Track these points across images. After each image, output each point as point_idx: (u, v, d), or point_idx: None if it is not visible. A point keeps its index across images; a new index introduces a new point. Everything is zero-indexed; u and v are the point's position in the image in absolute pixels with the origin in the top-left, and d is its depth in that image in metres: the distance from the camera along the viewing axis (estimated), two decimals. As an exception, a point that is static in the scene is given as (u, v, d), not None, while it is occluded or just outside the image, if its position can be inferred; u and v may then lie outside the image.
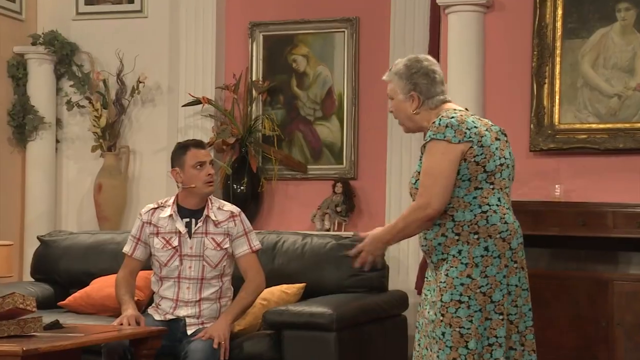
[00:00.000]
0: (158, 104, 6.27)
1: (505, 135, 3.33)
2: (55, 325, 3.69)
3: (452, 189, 3.18)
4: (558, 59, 5.09)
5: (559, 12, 5.09)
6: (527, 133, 5.10)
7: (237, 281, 4.21)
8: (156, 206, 4.22)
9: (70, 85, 6.35)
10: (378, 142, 5.84)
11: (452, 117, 3.21)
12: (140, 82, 6.11)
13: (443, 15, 5.30)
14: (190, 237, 4.11)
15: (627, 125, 4.97)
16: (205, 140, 6.04)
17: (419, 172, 3.25)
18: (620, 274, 4.71)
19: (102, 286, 4.71)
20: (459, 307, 3.16)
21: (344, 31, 6.02)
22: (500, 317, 3.19)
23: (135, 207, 6.09)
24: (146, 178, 6.26)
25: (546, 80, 5.08)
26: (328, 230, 5.79)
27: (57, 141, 6.41)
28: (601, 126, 5.00)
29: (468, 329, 3.15)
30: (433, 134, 3.19)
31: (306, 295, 4.52)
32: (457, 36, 5.16)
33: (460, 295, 3.16)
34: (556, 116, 5.08)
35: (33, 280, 5.19)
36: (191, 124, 6.16)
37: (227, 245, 4.12)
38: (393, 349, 4.69)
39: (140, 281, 4.37)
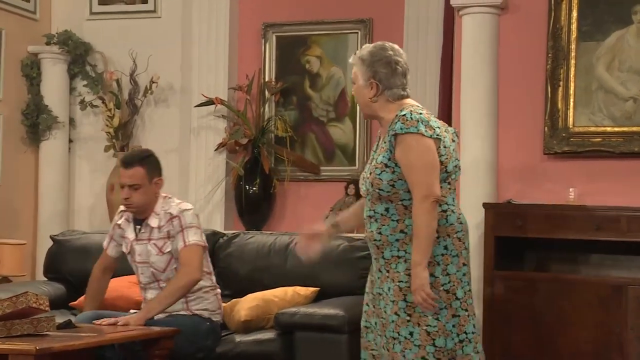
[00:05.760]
0: (171, 104, 6.28)
1: (458, 137, 3.37)
2: (68, 325, 3.69)
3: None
4: (573, 62, 5.05)
5: (574, 14, 5.06)
6: (541, 136, 5.07)
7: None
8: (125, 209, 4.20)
9: (84, 85, 6.36)
10: (391, 143, 5.82)
11: (421, 114, 3.23)
12: (153, 82, 6.11)
13: (457, 16, 5.27)
14: (138, 243, 4.13)
15: (643, 129, 4.93)
16: (218, 140, 6.07)
17: (384, 164, 3.23)
18: (634, 279, 4.67)
19: (114, 286, 4.70)
20: None
21: (357, 32, 6.01)
22: (466, 313, 3.24)
23: (148, 207, 6.08)
24: (159, 178, 6.26)
25: (560, 83, 5.04)
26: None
27: (70, 141, 6.42)
28: (616, 129, 4.97)
29: (435, 326, 3.18)
30: (406, 128, 3.19)
31: (318, 297, 4.51)
32: (471, 38, 5.13)
33: None
34: (570, 119, 5.05)
35: (46, 279, 5.19)
36: (204, 125, 6.16)
37: (169, 249, 4.08)
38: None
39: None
